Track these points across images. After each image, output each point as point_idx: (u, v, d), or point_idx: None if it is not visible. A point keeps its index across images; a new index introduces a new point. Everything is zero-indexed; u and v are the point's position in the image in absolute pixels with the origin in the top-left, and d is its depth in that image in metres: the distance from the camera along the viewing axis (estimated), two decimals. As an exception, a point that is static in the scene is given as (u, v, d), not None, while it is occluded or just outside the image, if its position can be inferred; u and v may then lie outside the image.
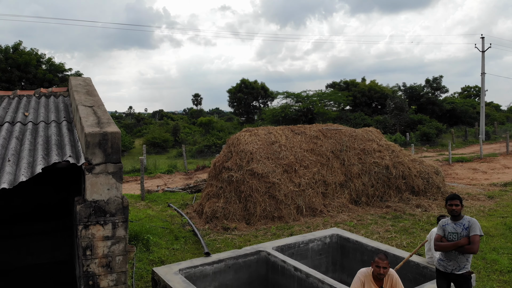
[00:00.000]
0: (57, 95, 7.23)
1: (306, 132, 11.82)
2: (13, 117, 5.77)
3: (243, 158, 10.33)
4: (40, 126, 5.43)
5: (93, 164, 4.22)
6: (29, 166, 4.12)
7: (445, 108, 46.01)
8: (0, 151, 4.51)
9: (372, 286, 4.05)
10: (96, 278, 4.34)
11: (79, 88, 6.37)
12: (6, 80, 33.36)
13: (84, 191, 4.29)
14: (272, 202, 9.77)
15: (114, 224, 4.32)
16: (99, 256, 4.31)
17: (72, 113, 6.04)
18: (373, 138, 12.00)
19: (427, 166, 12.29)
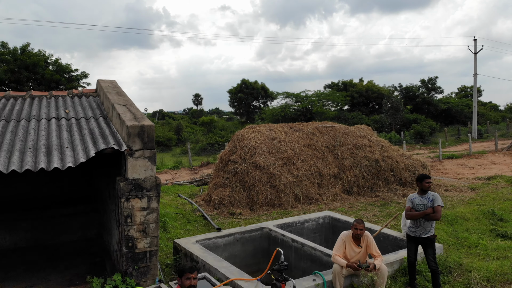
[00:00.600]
0: (88, 95, 8.33)
1: (303, 129, 12.94)
2: (56, 113, 6.87)
3: (247, 152, 11.44)
4: (81, 121, 6.53)
5: (133, 150, 5.33)
6: (84, 151, 5.22)
7: (440, 108, 47.15)
8: (56, 140, 5.63)
9: (352, 245, 5.17)
10: (134, 240, 5.45)
11: (109, 89, 7.48)
12: (15, 81, 34.34)
13: (125, 172, 5.40)
14: (272, 191, 10.88)
15: (149, 198, 5.43)
16: (137, 223, 5.42)
17: (105, 110, 7.14)
18: (365, 135, 13.12)
19: (414, 160, 13.40)
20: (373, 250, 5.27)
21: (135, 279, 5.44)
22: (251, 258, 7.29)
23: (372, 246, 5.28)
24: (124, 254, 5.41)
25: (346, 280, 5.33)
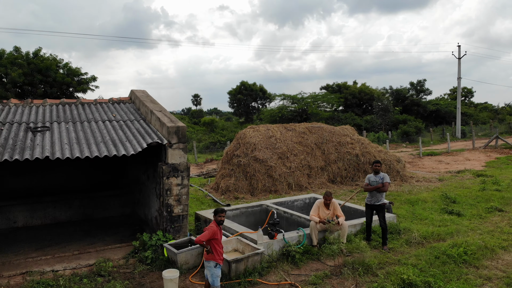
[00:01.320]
0: (124, 102, 10.53)
1: (295, 129, 15.17)
2: (107, 117, 9.07)
3: (248, 148, 13.67)
4: (128, 122, 8.74)
5: (171, 143, 7.55)
6: (138, 144, 7.44)
7: (429, 109, 49.51)
8: (116, 136, 7.84)
9: (323, 208, 7.41)
10: (171, 207, 7.67)
11: (144, 98, 9.70)
12: (29, 83, 36.39)
13: (165, 158, 7.61)
14: (269, 180, 13.11)
15: (182, 177, 7.65)
16: (174, 194, 7.64)
17: (143, 114, 9.34)
18: (348, 134, 15.37)
19: (390, 155, 15.66)
20: (338, 212, 7.51)
21: (172, 235, 7.66)
22: (253, 227, 9.48)
23: (337, 209, 7.52)
24: (164, 217, 7.63)
25: (320, 234, 7.57)
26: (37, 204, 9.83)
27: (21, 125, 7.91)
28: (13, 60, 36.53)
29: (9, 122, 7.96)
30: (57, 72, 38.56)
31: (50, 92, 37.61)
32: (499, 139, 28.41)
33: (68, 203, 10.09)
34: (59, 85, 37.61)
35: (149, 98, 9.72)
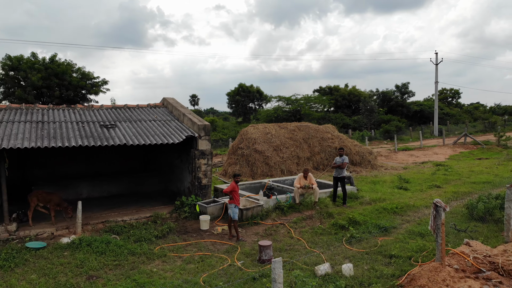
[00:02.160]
0: (158, 107, 14.00)
1: (287, 127, 18.70)
2: (151, 117, 12.54)
3: (250, 142, 17.19)
4: (166, 122, 12.22)
5: (201, 136, 11.05)
6: (179, 136, 10.92)
7: (413, 109, 53.28)
8: (162, 131, 11.31)
9: (302, 179, 10.97)
10: (200, 179, 11.16)
11: (175, 103, 13.20)
12: (46, 86, 39.74)
13: (196, 146, 11.10)
14: (266, 167, 16.62)
15: (207, 158, 11.16)
16: (202, 170, 11.14)
17: (176, 116, 12.82)
18: (329, 131, 18.93)
19: (364, 149, 19.22)
20: (312, 181, 11.05)
21: (200, 197, 11.15)
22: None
23: (312, 179, 11.07)
24: (196, 186, 11.13)
25: (301, 197, 11.10)
26: (96, 181, 13.31)
27: (94, 123, 11.38)
28: (31, 65, 39.69)
29: (86, 121, 11.42)
30: (72, 76, 41.90)
31: (66, 95, 41.12)
32: (467, 136, 32.04)
33: (119, 181, 13.57)
34: (74, 88, 40.95)
35: (179, 104, 13.22)
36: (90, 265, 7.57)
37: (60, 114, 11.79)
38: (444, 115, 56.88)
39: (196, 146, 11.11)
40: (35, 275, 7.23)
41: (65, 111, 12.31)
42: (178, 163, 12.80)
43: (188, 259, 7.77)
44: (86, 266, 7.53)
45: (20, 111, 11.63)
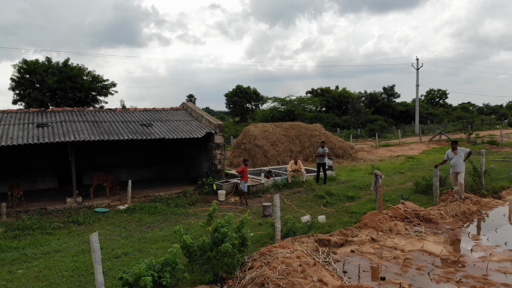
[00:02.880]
0: (179, 109, 17.31)
1: (282, 126, 22.08)
2: (176, 118, 15.86)
3: (251, 138, 20.54)
4: (188, 122, 15.55)
5: (216, 132, 14.42)
6: (200, 132, 14.27)
7: (398, 109, 56.93)
8: (186, 128, 14.65)
9: (293, 164, 14.36)
10: (216, 165, 14.53)
11: (193, 107, 16.55)
12: (61, 88, 42.81)
13: (213, 140, 14.46)
14: (265, 159, 19.97)
15: (221, 149, 14.52)
16: (217, 159, 14.51)
17: (195, 117, 16.14)
18: (317, 129, 22.33)
19: (346, 144, 22.64)
20: (301, 166, 14.45)
21: (216, 179, 14.48)
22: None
23: (301, 165, 14.46)
24: (212, 170, 14.48)
25: (292, 178, 14.49)
26: (132, 168, 16.62)
27: (135, 122, 14.68)
28: (47, 69, 42.71)
29: (128, 121, 14.72)
30: (83, 79, 45.00)
31: (79, 96, 44.33)
32: (442, 134, 35.61)
33: (149, 168, 16.89)
34: (86, 90, 44.10)
35: (196, 107, 16.57)
36: (146, 220, 10.90)
37: (106, 115, 15.10)
38: (428, 114, 60.56)
39: (213, 140, 14.47)
40: (109, 226, 10.55)
41: (109, 113, 15.62)
42: (196, 154, 16.15)
43: (213, 216, 11.13)
44: (143, 221, 10.86)
45: (74, 113, 14.92)
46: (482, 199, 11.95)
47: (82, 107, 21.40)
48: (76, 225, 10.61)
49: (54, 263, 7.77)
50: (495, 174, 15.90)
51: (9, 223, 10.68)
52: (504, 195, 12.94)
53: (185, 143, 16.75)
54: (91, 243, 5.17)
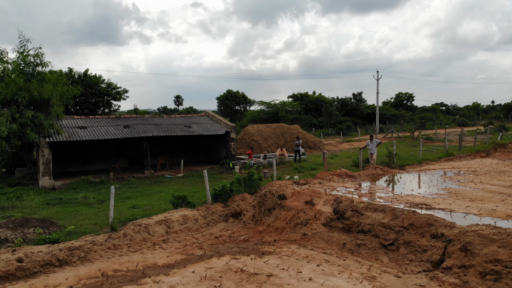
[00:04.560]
0: (202, 116, 25.01)
1: (271, 126, 30.01)
2: (199, 121, 23.59)
3: (249, 135, 28.43)
4: (211, 123, 23.30)
5: (231, 130, 22.27)
6: (222, 131, 22.04)
7: (365, 112, 65.62)
8: (211, 128, 22.43)
9: (280, 151, 22.30)
10: (231, 152, 22.37)
11: (213, 114, 24.39)
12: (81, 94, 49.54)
13: (229, 135, 22.29)
14: (259, 149, 27.86)
15: (235, 142, 22.42)
16: (232, 148, 22.33)
17: (215, 121, 23.88)
18: (296, 129, 30.34)
19: (317, 139, 30.76)
20: (284, 152, 22.37)
21: (231, 160, 22.29)
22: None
23: (284, 151, 22.40)
24: (229, 155, 22.32)
25: (280, 159, 22.40)
26: (175, 154, 24.25)
27: (180, 124, 22.32)
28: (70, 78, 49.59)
29: (175, 124, 22.36)
30: (101, 86, 51.95)
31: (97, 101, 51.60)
32: (394, 132, 44.12)
33: (184, 155, 24.56)
34: (103, 95, 51.21)
35: (214, 114, 24.32)
36: (198, 180, 18.63)
37: (161, 120, 22.72)
38: (392, 116, 69.56)
39: (229, 136, 22.26)
40: (176, 185, 18.24)
41: (160, 118, 23.24)
42: (216, 145, 23.92)
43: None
44: (196, 182, 18.57)
45: (141, 118, 22.48)
46: (390, 169, 20.07)
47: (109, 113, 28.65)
48: (159, 183, 18.30)
49: (161, 196, 15.49)
50: (411, 158, 24.18)
51: (119, 183, 18.29)
52: (407, 168, 21.11)
53: (209, 137, 24.44)
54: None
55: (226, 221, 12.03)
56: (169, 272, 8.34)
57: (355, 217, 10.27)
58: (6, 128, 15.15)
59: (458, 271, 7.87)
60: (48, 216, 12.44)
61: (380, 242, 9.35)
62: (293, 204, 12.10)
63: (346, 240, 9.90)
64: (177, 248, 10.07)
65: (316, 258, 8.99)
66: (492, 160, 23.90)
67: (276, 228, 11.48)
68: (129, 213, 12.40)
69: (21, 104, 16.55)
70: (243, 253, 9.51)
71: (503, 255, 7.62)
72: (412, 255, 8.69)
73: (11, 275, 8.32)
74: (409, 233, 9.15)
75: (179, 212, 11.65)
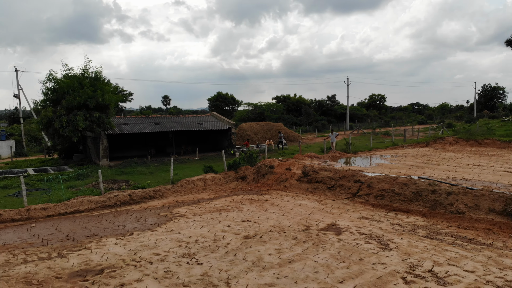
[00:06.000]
0: (208, 115, 31.66)
1: (260, 124, 36.85)
2: (208, 120, 30.26)
3: (244, 130, 35.24)
4: (217, 121, 29.99)
5: (232, 126, 29.05)
6: (225, 127, 28.76)
7: (339, 112, 73.16)
8: (217, 124, 29.12)
9: (268, 141, 29.16)
10: (232, 142, 29.16)
11: (217, 114, 31.13)
12: (94, 97, 55.03)
13: (230, 130, 29.04)
14: (252, 141, 34.69)
15: (235, 135, 29.16)
16: (232, 139, 29.13)
17: (219, 120, 30.58)
18: (280, 126, 37.27)
19: (296, 134, 37.80)
20: (272, 142, 29.19)
21: (232, 149, 29.04)
22: (249, 151, 31.15)
23: (272, 142, 29.20)
24: (230, 144, 29.07)
25: (268, 147, 29.29)
26: (190, 144, 30.81)
27: (194, 122, 28.91)
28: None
29: (190, 121, 28.96)
30: (110, 90, 57.38)
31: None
32: (359, 129, 51.52)
33: (196, 144, 31.15)
34: (112, 98, 56.80)
35: (217, 114, 31.01)
36: (210, 161, 25.29)
37: (179, 119, 29.26)
38: (362, 115, 77.33)
39: (230, 130, 28.97)
40: (197, 164, 24.85)
41: (179, 117, 29.75)
42: (220, 137, 30.62)
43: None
44: (209, 162, 25.22)
45: (165, 118, 28.97)
46: (346, 154, 27.11)
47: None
48: (184, 163, 24.87)
49: (190, 169, 22.10)
50: (363, 147, 31.34)
51: (156, 163, 24.80)
52: (359, 154, 28.23)
53: (214, 131, 31.05)
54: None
55: (237, 181, 18.79)
56: (211, 201, 15.08)
57: (314, 174, 17.19)
58: (83, 124, 21.57)
59: (364, 196, 14.84)
60: (123, 179, 18.97)
61: (326, 186, 16.27)
62: (278, 170, 18.94)
63: (308, 187, 16.80)
64: (211, 192, 16.81)
65: (291, 195, 15.87)
66: (428, 149, 31.24)
67: (268, 184, 18.28)
68: (175, 178, 19.02)
69: (90, 107, 22.91)
70: (250, 194, 16.33)
71: (386, 187, 14.62)
72: (343, 191, 15.63)
73: (127, 202, 14.92)
74: (342, 180, 16.11)
75: (209, 175, 18.36)
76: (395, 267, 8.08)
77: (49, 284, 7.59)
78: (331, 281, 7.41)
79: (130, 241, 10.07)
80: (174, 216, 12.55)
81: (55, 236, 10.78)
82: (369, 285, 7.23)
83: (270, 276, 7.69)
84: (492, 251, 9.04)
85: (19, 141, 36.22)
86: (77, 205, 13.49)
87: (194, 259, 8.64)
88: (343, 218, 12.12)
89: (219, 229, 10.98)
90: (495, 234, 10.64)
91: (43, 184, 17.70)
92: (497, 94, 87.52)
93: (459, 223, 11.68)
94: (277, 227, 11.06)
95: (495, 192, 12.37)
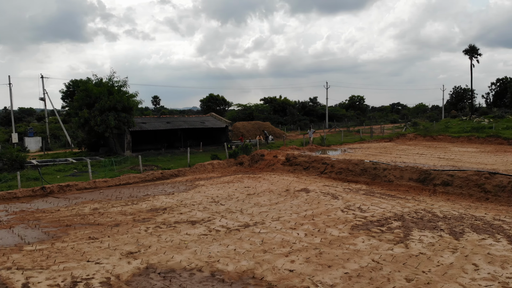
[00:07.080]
0: (208, 116, 36.84)
1: (251, 123, 42.18)
2: (208, 119, 35.47)
3: (238, 128, 40.54)
4: (216, 121, 35.22)
5: (229, 125, 34.32)
6: (223, 125, 34.02)
7: (320, 112, 79.04)
8: (216, 123, 34.38)
9: (259, 137, 34.53)
10: (229, 138, 34.43)
11: (216, 115, 36.38)
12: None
13: (227, 128, 34.30)
14: (244, 137, 40.04)
15: (231, 132, 34.44)
16: (229, 135, 34.39)
17: (217, 119, 35.81)
18: (268, 124, 42.68)
19: (281, 131, 43.30)
20: (262, 138, 34.53)
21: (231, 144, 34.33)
22: (243, 145, 36.47)
23: (262, 137, 34.54)
24: (227, 140, 34.34)
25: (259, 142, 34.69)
26: (194, 139, 35.94)
27: (198, 121, 34.06)
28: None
29: (194, 121, 34.10)
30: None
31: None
32: (336, 128, 57.30)
33: (199, 140, 36.28)
34: (118, 100, 61.19)
35: (217, 115, 36.25)
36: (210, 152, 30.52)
37: (185, 118, 34.36)
38: (341, 115, 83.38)
39: (227, 128, 34.20)
40: (202, 155, 30.05)
41: (185, 117, 34.85)
42: (219, 134, 35.83)
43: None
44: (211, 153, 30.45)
45: (174, 118, 34.03)
46: (321, 147, 32.65)
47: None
48: (192, 154, 30.00)
49: (199, 158, 27.30)
50: (336, 141, 36.96)
51: (170, 155, 29.87)
52: (332, 146, 33.80)
53: (214, 129, 36.17)
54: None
55: (237, 166, 24.10)
56: (219, 178, 20.34)
57: (294, 159, 22.62)
58: (113, 122, 26.58)
59: (329, 173, 20.31)
60: (149, 164, 24.07)
61: (303, 168, 21.71)
62: (267, 158, 24.33)
63: (290, 168, 22.21)
64: (218, 172, 22.08)
65: (277, 174, 21.26)
66: (390, 143, 36.98)
67: (260, 168, 23.62)
68: (191, 162, 24.18)
69: (118, 109, 27.89)
70: (247, 174, 21.67)
71: (343, 166, 20.13)
72: (314, 170, 21.09)
73: (160, 178, 20.08)
74: (314, 163, 21.57)
75: (215, 161, 23.63)
76: (338, 206, 13.49)
77: (137, 214, 12.78)
78: (299, 210, 12.84)
79: (174, 197, 15.30)
80: (197, 186, 17.81)
81: (122, 195, 15.92)
82: (320, 212, 12.64)
83: (265, 209, 13.04)
84: (401, 200, 14.52)
85: (43, 138, 40.63)
86: (126, 179, 18.60)
87: (219, 203, 13.96)
88: (312, 185, 17.56)
89: (230, 191, 16.29)
90: (409, 193, 16.09)
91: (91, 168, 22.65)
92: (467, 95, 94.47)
93: (388, 187, 17.14)
94: (267, 190, 16.44)
95: (415, 167, 17.99)
